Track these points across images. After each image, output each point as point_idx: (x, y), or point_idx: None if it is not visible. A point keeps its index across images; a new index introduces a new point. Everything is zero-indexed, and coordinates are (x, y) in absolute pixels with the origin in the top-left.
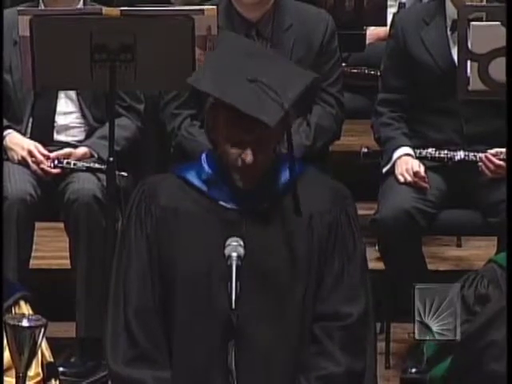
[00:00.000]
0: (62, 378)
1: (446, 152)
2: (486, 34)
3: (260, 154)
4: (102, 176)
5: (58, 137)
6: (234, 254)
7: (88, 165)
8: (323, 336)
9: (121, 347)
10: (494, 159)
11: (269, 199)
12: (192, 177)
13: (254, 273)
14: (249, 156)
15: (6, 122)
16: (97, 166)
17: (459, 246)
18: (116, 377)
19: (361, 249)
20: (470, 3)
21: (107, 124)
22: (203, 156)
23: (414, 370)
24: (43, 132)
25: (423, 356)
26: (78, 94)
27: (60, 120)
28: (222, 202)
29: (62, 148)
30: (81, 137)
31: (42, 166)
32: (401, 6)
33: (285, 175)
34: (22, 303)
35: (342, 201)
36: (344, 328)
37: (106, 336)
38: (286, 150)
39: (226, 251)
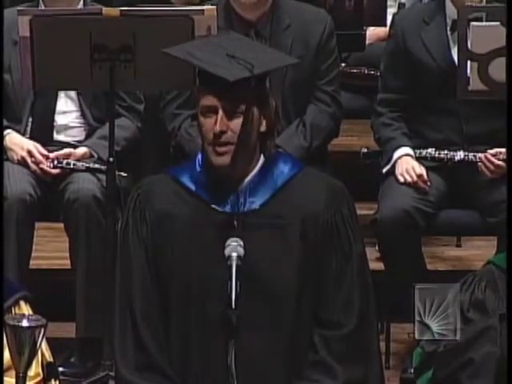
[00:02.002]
0: (61, 378)
1: (445, 152)
2: (485, 34)
3: (231, 130)
4: (102, 176)
5: (57, 137)
6: (234, 254)
7: (88, 165)
8: (321, 346)
9: (130, 353)
10: (493, 159)
11: (262, 201)
12: (186, 179)
13: (247, 276)
14: (218, 123)
15: (5, 122)
16: (97, 166)
17: (459, 246)
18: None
19: (358, 250)
20: (469, 3)
21: (107, 124)
22: (198, 156)
23: (413, 371)
24: (43, 132)
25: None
26: (78, 94)
27: (59, 119)
28: (214, 206)
29: (61, 148)
30: (80, 137)
31: (41, 166)
32: (400, 6)
33: (277, 177)
34: (22, 303)
35: (338, 202)
36: (342, 338)
37: (113, 343)
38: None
39: (226, 251)
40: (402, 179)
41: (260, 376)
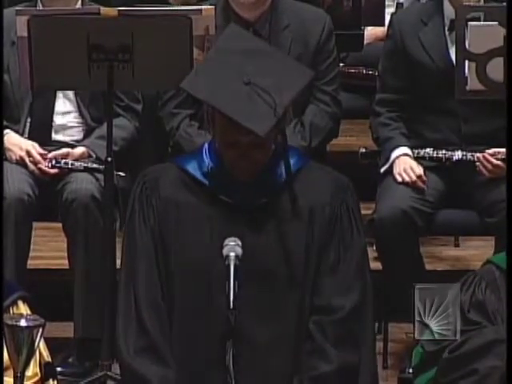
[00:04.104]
0: (59, 377)
1: (443, 152)
2: (483, 33)
3: (256, 154)
4: (100, 176)
5: (55, 136)
6: (232, 254)
7: (86, 165)
8: (316, 331)
9: (132, 336)
10: (491, 159)
11: (269, 193)
12: (193, 169)
13: (252, 268)
14: (245, 159)
15: (3, 122)
16: (95, 166)
17: (457, 245)
18: (125, 367)
19: (359, 241)
20: (467, 3)
21: (105, 124)
22: (205, 146)
23: (411, 370)
24: (41, 132)
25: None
26: (76, 94)
27: (58, 120)
28: (222, 196)
29: (59, 148)
30: (79, 137)
31: (39, 165)
32: (399, 6)
33: (284, 170)
34: (20, 303)
35: (343, 193)
36: (336, 322)
37: (117, 327)
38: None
39: (224, 251)
40: (399, 179)
41: (263, 372)
